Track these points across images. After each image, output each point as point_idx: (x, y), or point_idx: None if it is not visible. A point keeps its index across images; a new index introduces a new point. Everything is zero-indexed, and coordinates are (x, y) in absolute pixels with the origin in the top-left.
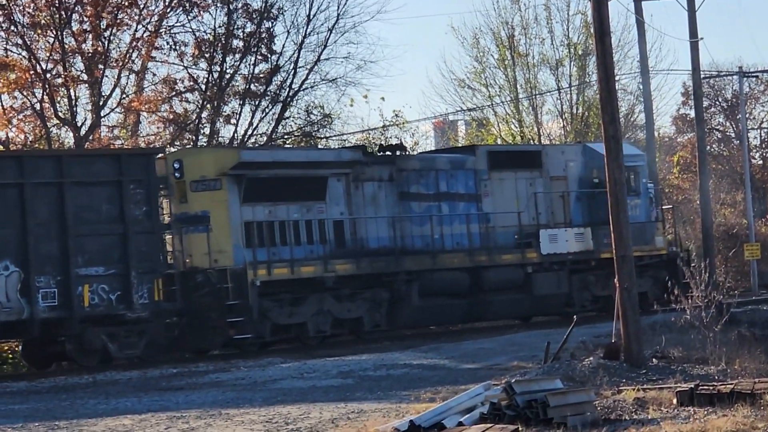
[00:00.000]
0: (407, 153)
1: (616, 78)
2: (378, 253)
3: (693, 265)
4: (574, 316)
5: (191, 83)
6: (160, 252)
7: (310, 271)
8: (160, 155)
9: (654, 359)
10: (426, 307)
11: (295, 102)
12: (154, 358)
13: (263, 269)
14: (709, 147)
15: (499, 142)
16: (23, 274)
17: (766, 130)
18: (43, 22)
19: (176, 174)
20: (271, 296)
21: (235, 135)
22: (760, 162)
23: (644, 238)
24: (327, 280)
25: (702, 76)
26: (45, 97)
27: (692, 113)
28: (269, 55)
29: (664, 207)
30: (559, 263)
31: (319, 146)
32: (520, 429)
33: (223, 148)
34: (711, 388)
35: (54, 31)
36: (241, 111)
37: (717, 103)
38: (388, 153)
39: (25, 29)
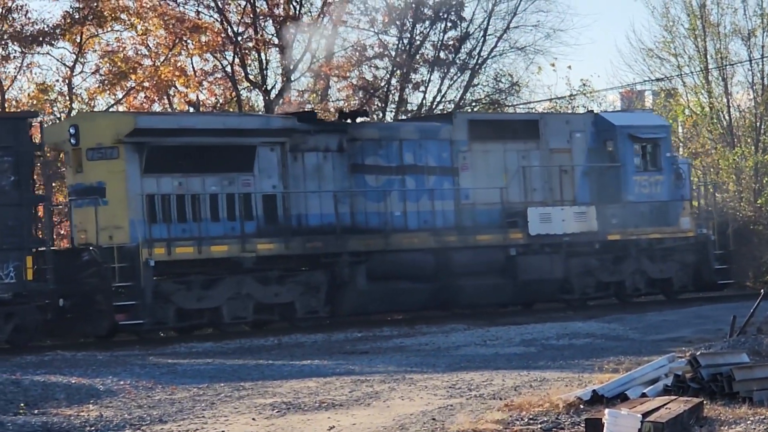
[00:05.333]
0: (364, 121)
1: None
2: (319, 232)
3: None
4: (762, 291)
5: (381, 49)
6: (30, 227)
7: (223, 250)
8: (34, 119)
9: None
10: (376, 291)
11: (483, 69)
12: (26, 343)
13: (161, 248)
14: None
15: (686, 113)
16: None
17: None
18: None
19: (72, 140)
20: (176, 278)
21: (424, 102)
22: None
23: (666, 219)
24: (245, 261)
25: None
26: (236, 59)
27: None
28: (459, 23)
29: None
30: (553, 245)
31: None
32: (704, 402)
33: (120, 113)
34: None
35: None
36: (429, 78)
37: None
38: (337, 121)
39: None
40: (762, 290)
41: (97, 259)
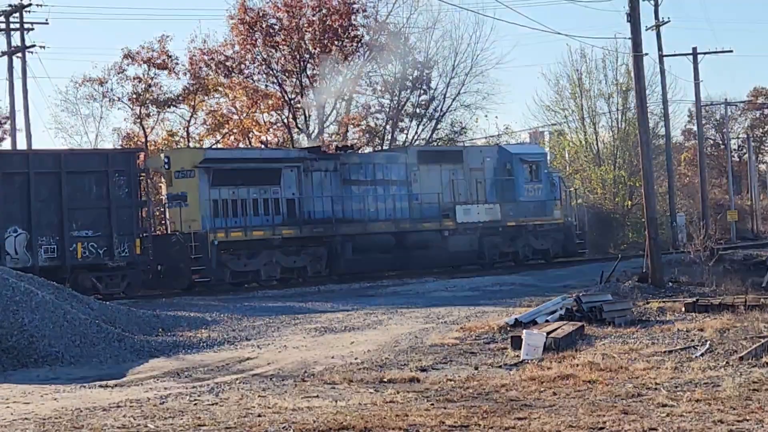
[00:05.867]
0: (351, 152)
1: (647, 105)
2: (321, 222)
3: (686, 224)
4: (619, 255)
5: (379, 108)
6: (137, 220)
7: (260, 234)
8: (140, 153)
9: (670, 283)
10: (358, 259)
11: (443, 119)
12: (134, 294)
13: (222, 233)
14: (706, 149)
15: (571, 145)
16: (29, 235)
17: (741, 138)
18: (289, 68)
19: (165, 165)
20: (230, 251)
21: (406, 140)
22: (737, 159)
23: (544, 212)
24: (274, 240)
25: (701, 104)
26: (289, 114)
27: (695, 128)
28: (428, 90)
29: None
30: (472, 229)
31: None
32: (585, 325)
33: (196, 148)
34: (706, 301)
35: (296, 74)
36: (410, 125)
37: (710, 121)
38: (333, 152)
39: (278, 73)
40: (619, 255)
41: (181, 240)
